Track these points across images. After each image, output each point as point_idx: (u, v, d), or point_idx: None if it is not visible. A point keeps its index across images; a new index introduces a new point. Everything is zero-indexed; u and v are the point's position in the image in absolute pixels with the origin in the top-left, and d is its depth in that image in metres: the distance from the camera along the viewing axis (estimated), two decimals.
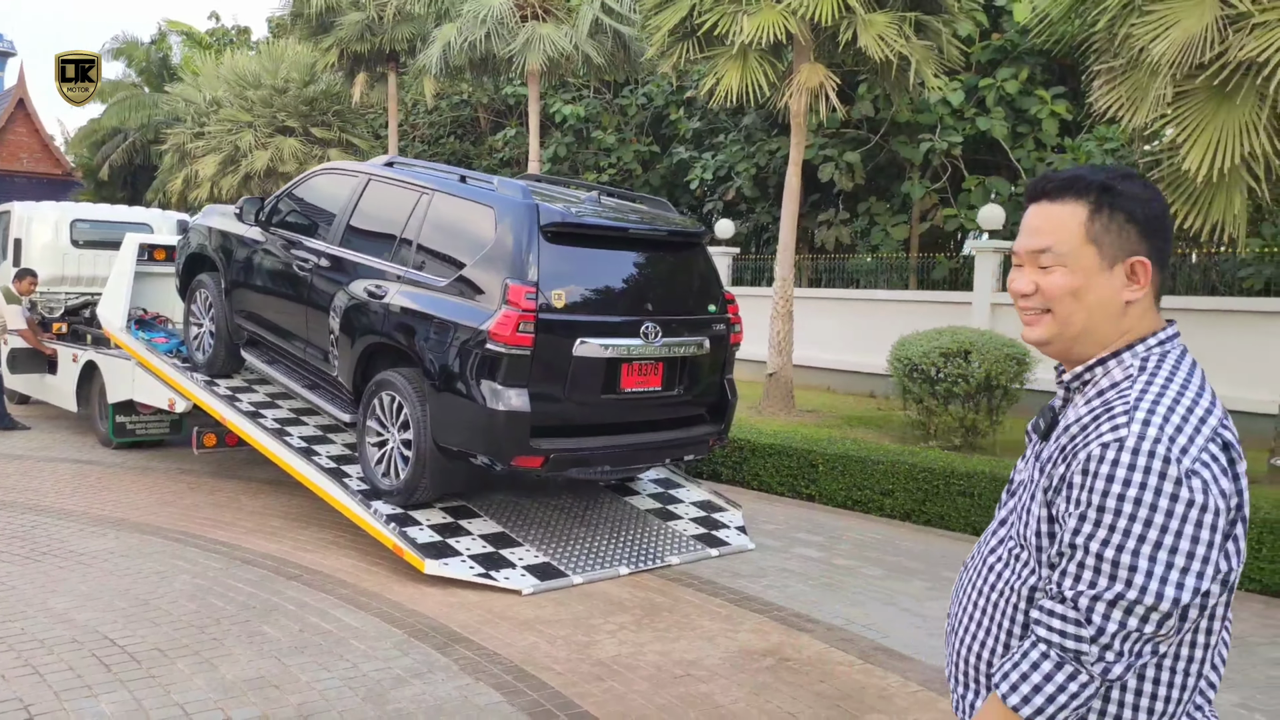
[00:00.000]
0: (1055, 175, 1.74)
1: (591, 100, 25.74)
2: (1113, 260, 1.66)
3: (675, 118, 24.18)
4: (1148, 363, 1.63)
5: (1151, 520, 1.47)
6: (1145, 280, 1.66)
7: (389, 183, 6.70)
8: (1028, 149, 18.98)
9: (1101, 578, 1.50)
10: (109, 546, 6.27)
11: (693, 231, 6.56)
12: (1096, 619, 1.50)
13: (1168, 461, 1.48)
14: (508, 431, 5.54)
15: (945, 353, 10.46)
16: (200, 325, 8.14)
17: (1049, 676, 1.53)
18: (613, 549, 6.28)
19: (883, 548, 6.83)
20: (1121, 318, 1.67)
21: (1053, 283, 1.67)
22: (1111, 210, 1.66)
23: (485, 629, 5.00)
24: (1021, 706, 1.54)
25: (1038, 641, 1.55)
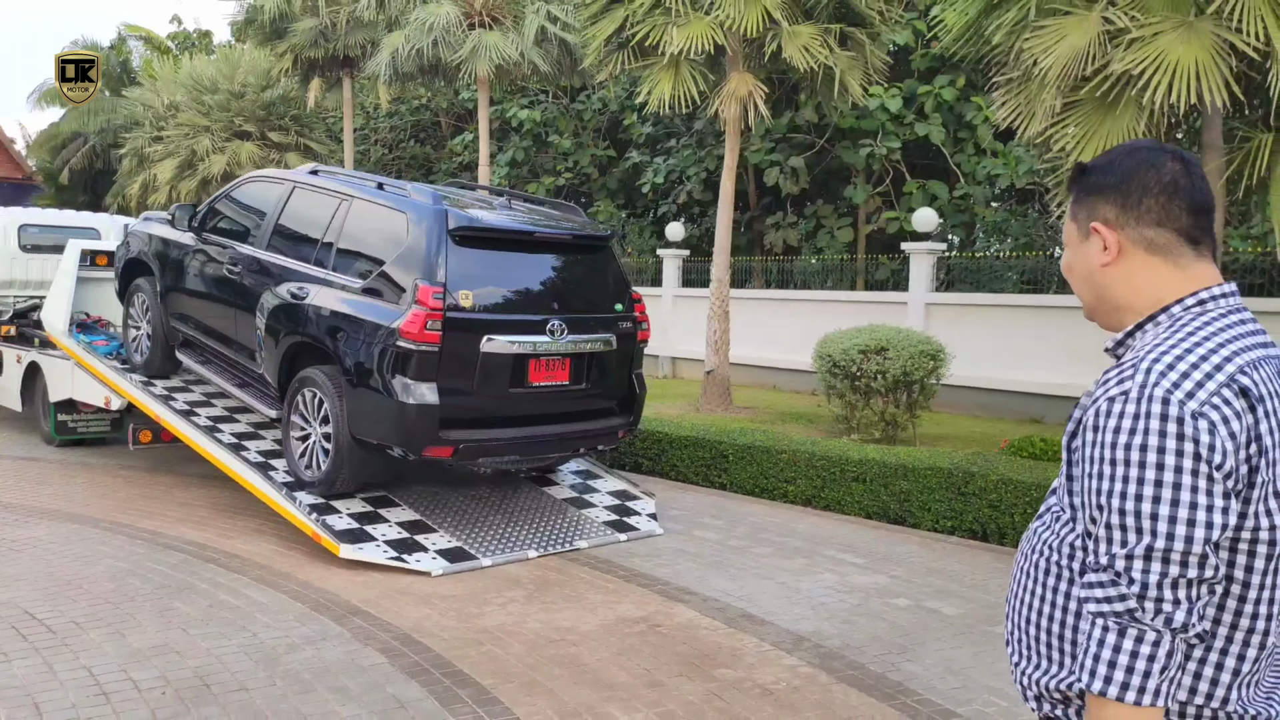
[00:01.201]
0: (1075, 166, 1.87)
1: (549, 105, 26.14)
2: (1085, 231, 1.74)
3: (629, 123, 24.63)
4: (1178, 322, 1.63)
5: (1163, 464, 1.47)
6: (1111, 244, 1.69)
7: (312, 189, 7.09)
8: (968, 153, 19.57)
9: (1129, 534, 1.49)
10: (39, 535, 6.61)
11: (599, 235, 6.99)
12: (1136, 575, 1.48)
13: (1167, 403, 1.49)
14: (418, 424, 5.94)
15: (864, 350, 10.93)
16: (138, 328, 8.48)
17: (1118, 648, 1.48)
18: (524, 534, 6.69)
19: (777, 530, 7.29)
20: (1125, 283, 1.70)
21: (1061, 261, 1.82)
22: (1081, 185, 1.76)
23: (384, 603, 5.40)
24: (1107, 688, 1.48)
25: (1094, 619, 1.52)
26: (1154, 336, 1.64)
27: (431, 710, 4.06)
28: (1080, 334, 12.80)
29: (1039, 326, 13.60)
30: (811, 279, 20.04)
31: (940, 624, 5.35)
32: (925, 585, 6.03)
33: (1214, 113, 8.55)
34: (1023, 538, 1.81)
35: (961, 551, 6.87)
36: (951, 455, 7.69)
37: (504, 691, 4.26)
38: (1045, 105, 8.91)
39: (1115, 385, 1.56)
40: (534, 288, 6.59)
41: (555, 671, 4.51)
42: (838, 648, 4.92)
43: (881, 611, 5.52)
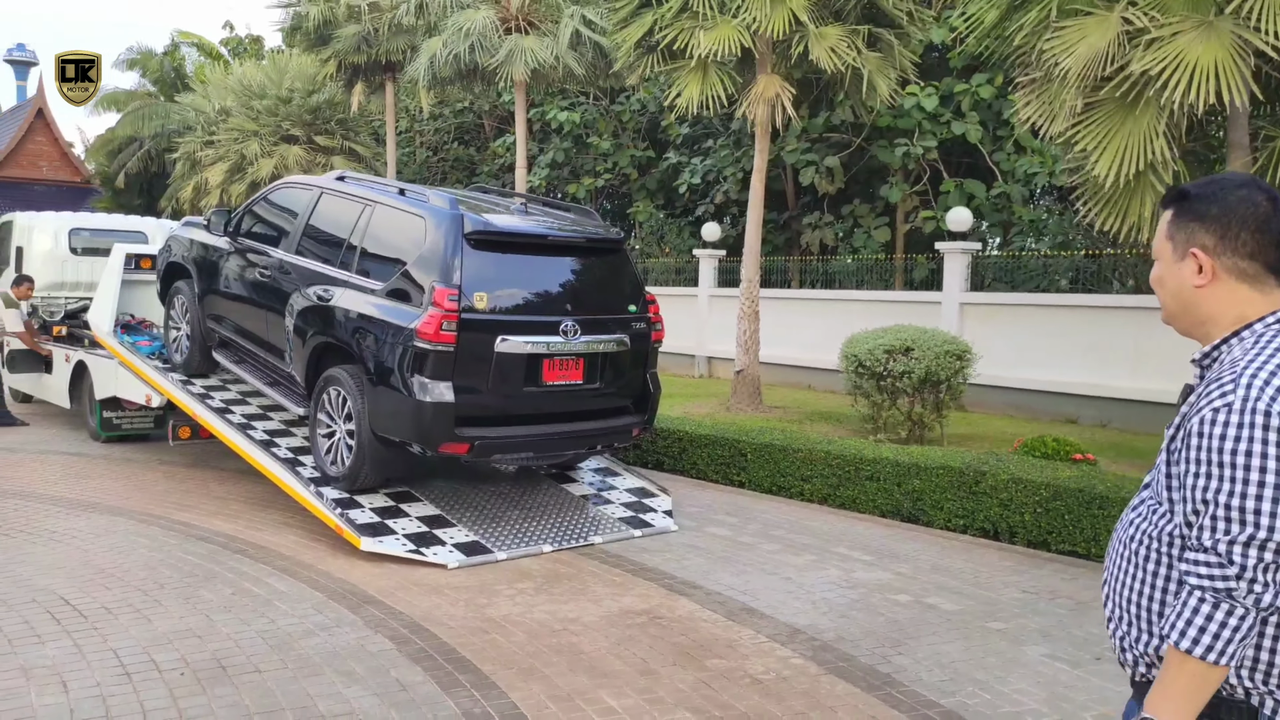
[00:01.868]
0: (1172, 188, 2.16)
1: (589, 107, 26.40)
2: (1182, 253, 1.97)
3: (668, 123, 24.78)
4: (1261, 339, 1.87)
5: (1266, 467, 1.73)
6: (1207, 269, 1.93)
7: (338, 195, 7.36)
8: (1006, 151, 19.43)
9: (1233, 525, 1.75)
10: (79, 526, 6.94)
11: (611, 238, 7.17)
12: (1237, 559, 1.74)
13: (1269, 415, 1.74)
14: (434, 421, 6.16)
15: (889, 350, 10.98)
16: (178, 329, 8.83)
17: (1210, 617, 1.75)
18: (541, 529, 6.88)
19: (789, 527, 7.41)
20: (1213, 302, 1.94)
21: (1152, 273, 2.05)
22: (1181, 209, 1.99)
23: (399, 593, 5.63)
24: (1194, 649, 1.76)
25: (1192, 590, 1.78)
26: (1241, 351, 1.88)
27: (431, 693, 4.27)
28: (1116, 334, 12.74)
29: (1074, 326, 13.52)
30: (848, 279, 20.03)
31: (937, 619, 5.44)
32: (928, 582, 6.12)
33: (1238, 112, 8.50)
34: (1118, 525, 2.08)
35: (971, 550, 6.94)
36: (964, 454, 7.75)
37: (502, 677, 4.45)
38: (1066, 105, 8.92)
39: (1218, 398, 1.81)
40: (548, 290, 6.78)
41: (553, 659, 4.69)
42: (831, 640, 5.05)
43: (880, 606, 5.63)
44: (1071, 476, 6.95)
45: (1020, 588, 6.08)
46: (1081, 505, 6.74)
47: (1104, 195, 9.22)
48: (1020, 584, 6.15)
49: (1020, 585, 6.12)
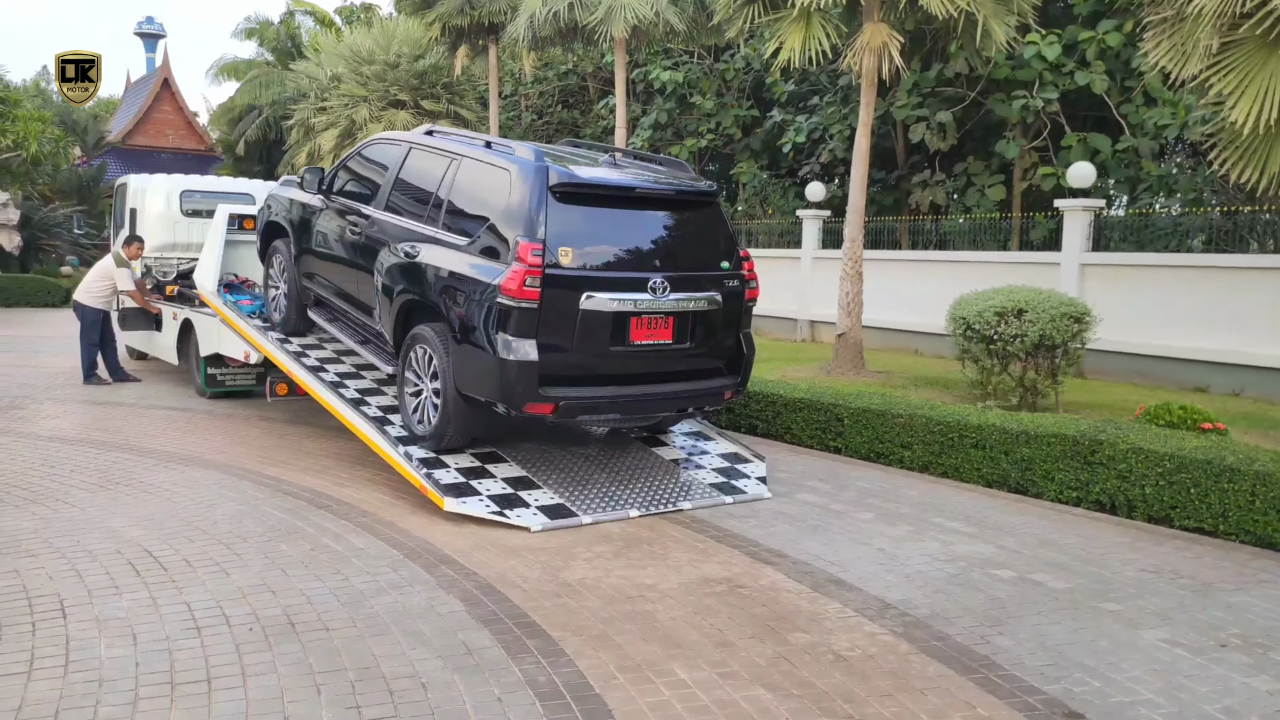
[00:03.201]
0: None
1: (692, 66, 25.91)
2: None
3: (772, 80, 24.12)
4: None
5: None
6: None
7: (426, 150, 7.23)
8: (1135, 103, 18.25)
9: None
10: (173, 479, 7.06)
11: (703, 191, 6.84)
12: None
13: None
14: (518, 380, 5.99)
15: (1000, 312, 10.41)
16: (276, 288, 8.90)
17: None
18: (628, 493, 6.67)
19: (885, 495, 7.04)
20: None
21: None
22: None
23: (475, 554, 5.51)
24: None
25: None
26: None
27: (497, 658, 4.12)
28: (1253, 297, 11.82)
29: (1206, 289, 12.64)
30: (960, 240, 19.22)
31: (1043, 597, 5.04)
32: (1034, 557, 5.70)
33: None
34: None
35: (1083, 524, 6.46)
36: (1078, 422, 7.22)
37: (570, 644, 4.28)
38: (1200, 46, 8.18)
39: None
40: (636, 245, 6.51)
41: (626, 627, 4.49)
42: (925, 617, 4.71)
43: (980, 582, 5.25)
44: (1199, 447, 6.39)
45: (1138, 566, 5.60)
46: (1209, 478, 6.19)
47: (1241, 144, 8.46)
48: (1138, 562, 5.67)
49: (1138, 563, 5.65)
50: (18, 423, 9.08)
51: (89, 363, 11.52)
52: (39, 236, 28.23)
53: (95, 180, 35.48)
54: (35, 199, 30.12)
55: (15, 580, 4.90)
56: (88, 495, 6.59)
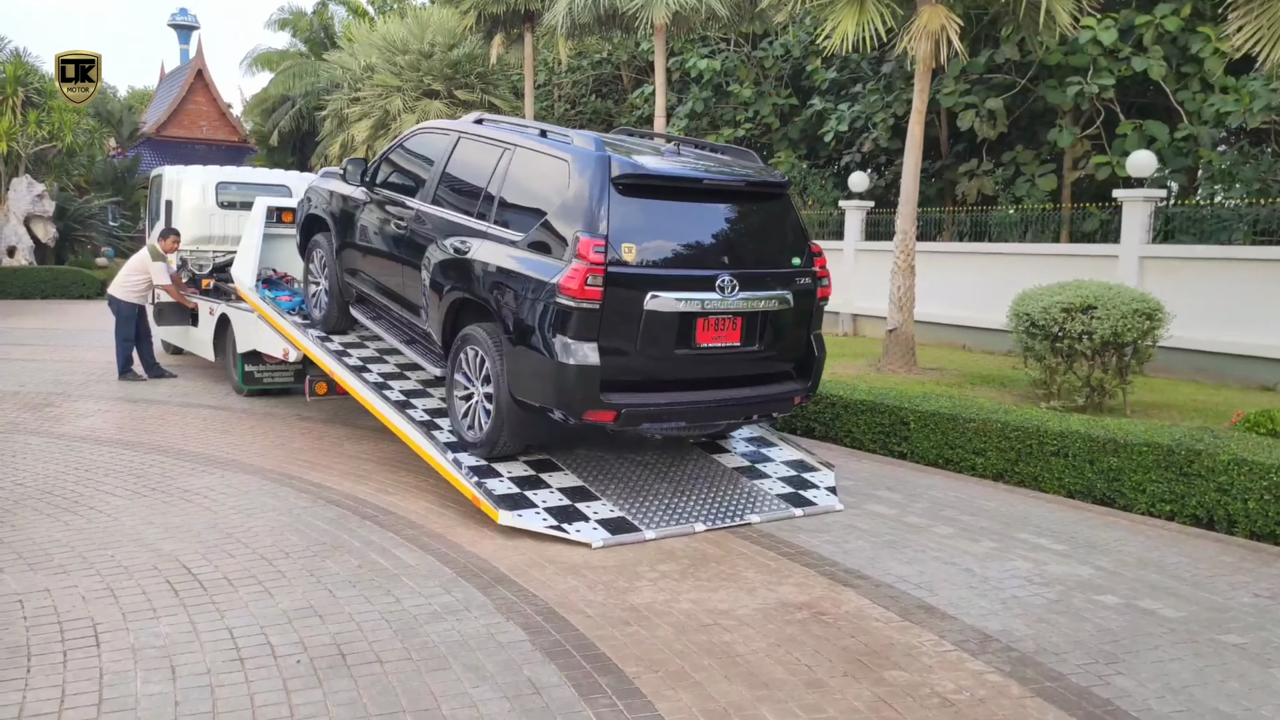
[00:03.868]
0: None
1: (729, 54, 25.40)
2: None
3: (813, 68, 23.58)
4: None
5: None
6: None
7: (476, 140, 6.83)
8: (1193, 90, 17.59)
9: None
10: (211, 484, 6.75)
11: (774, 182, 6.40)
12: None
13: None
14: (578, 386, 5.58)
15: (1067, 308, 9.92)
16: (317, 284, 8.56)
17: None
18: (692, 505, 6.24)
19: (961, 507, 6.61)
20: None
21: None
22: None
23: (532, 572, 5.14)
24: None
25: None
26: None
27: (567, 699, 3.74)
28: None
29: (1272, 283, 12.04)
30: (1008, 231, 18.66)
31: (1157, 628, 4.60)
32: (1137, 580, 5.25)
33: None
34: None
35: (1182, 541, 6.00)
36: (1172, 430, 6.74)
37: (647, 682, 3.89)
38: None
39: None
40: (703, 240, 6.07)
41: (705, 662, 4.10)
42: (1032, 652, 4.29)
43: (1084, 610, 4.81)
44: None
45: (1251, 591, 5.14)
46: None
47: None
48: (1250, 586, 5.21)
49: (1250, 588, 5.19)
50: (51, 422, 8.83)
51: (124, 358, 11.28)
52: (74, 228, 28.24)
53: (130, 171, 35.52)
54: (70, 190, 30.16)
55: (47, 601, 4.59)
56: (123, 502, 6.29)
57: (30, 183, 25.02)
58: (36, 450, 7.70)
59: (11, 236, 24.80)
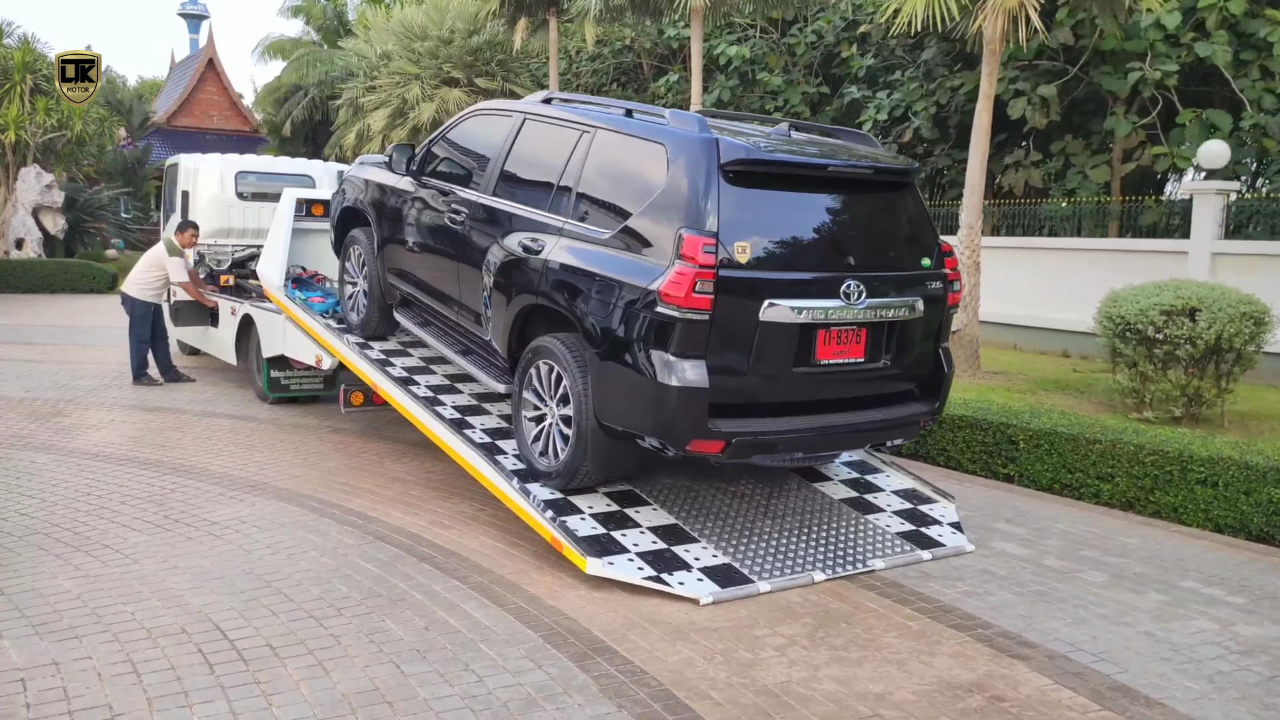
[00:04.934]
0: None
1: (757, 41, 24.51)
2: None
3: (847, 55, 22.69)
4: None
5: None
6: None
7: (546, 122, 5.96)
8: (1252, 78, 16.71)
9: None
10: (242, 514, 5.94)
11: (903, 169, 5.50)
12: None
13: None
14: (682, 410, 4.72)
15: (1167, 310, 9.10)
16: (354, 284, 7.70)
17: None
18: (804, 548, 5.37)
19: (1102, 546, 5.76)
20: None
21: None
22: None
23: (632, 636, 4.32)
24: None
25: None
26: None
27: None
28: None
29: None
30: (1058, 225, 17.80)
31: None
32: None
33: None
34: None
35: None
36: None
37: None
38: None
39: None
40: (825, 238, 5.18)
41: None
42: None
43: None
44: None
45: None
46: None
47: None
48: None
49: None
50: (60, 435, 8.02)
51: (139, 361, 10.48)
52: (84, 219, 27.46)
53: (140, 161, 34.74)
54: (80, 181, 29.37)
55: (54, 679, 3.77)
56: (142, 539, 5.47)
57: (39, 172, 24.25)
58: (44, 470, 6.90)
59: (19, 228, 24.04)
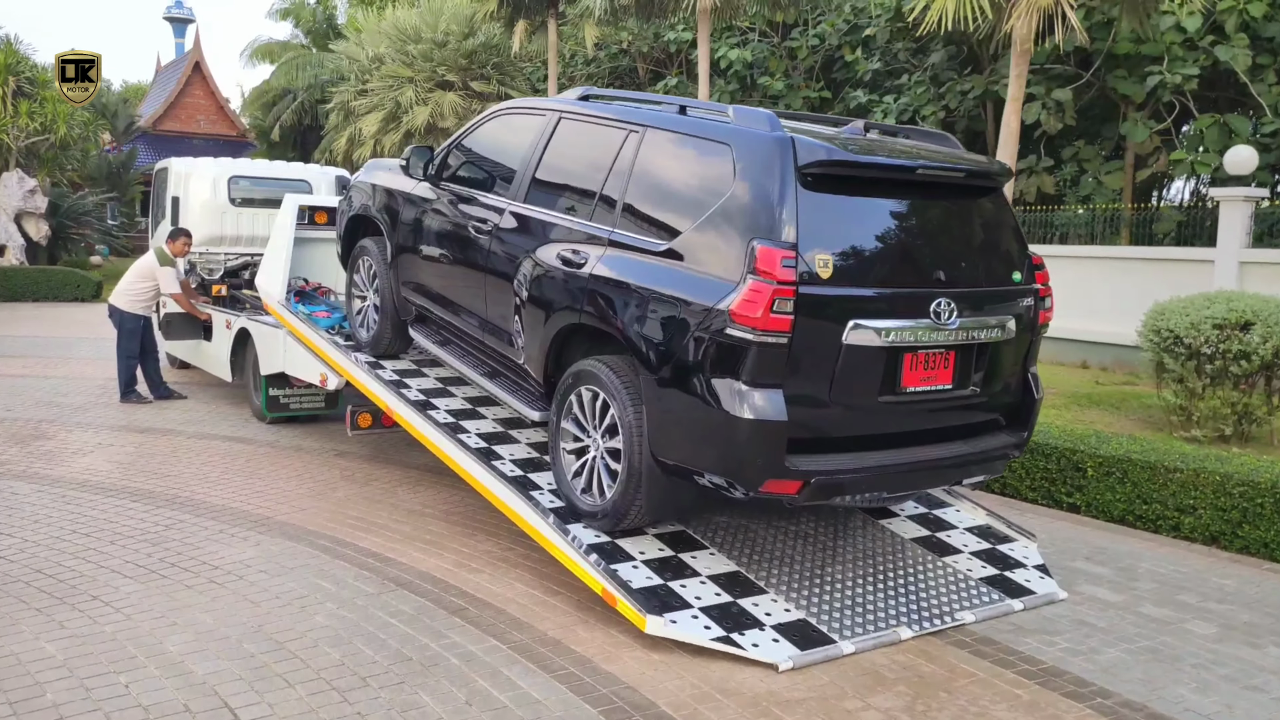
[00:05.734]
0: None
1: (758, 44, 24.03)
2: None
3: (852, 59, 22.24)
4: None
5: None
6: None
7: (586, 121, 5.37)
8: (1268, 82, 16.38)
9: None
10: (247, 557, 5.34)
11: (998, 171, 4.95)
12: None
13: None
14: (756, 447, 4.16)
15: (1219, 324, 8.63)
16: (364, 298, 7.08)
17: None
18: (883, 599, 4.79)
19: (1198, 589, 5.23)
20: None
21: None
22: None
23: (704, 711, 3.75)
24: None
25: None
26: None
27: None
28: None
29: None
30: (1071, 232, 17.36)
31: None
32: None
33: None
34: None
35: None
36: None
37: None
38: None
39: None
40: (912, 250, 4.63)
41: None
42: None
43: None
44: None
45: None
46: None
47: None
48: None
49: None
50: (42, 461, 7.41)
51: (127, 378, 9.85)
52: (68, 225, 26.72)
53: (125, 166, 33.98)
54: (64, 185, 28.63)
55: None
56: (136, 588, 4.88)
57: (21, 177, 23.53)
58: (26, 503, 6.29)
59: (1, 234, 23.32)
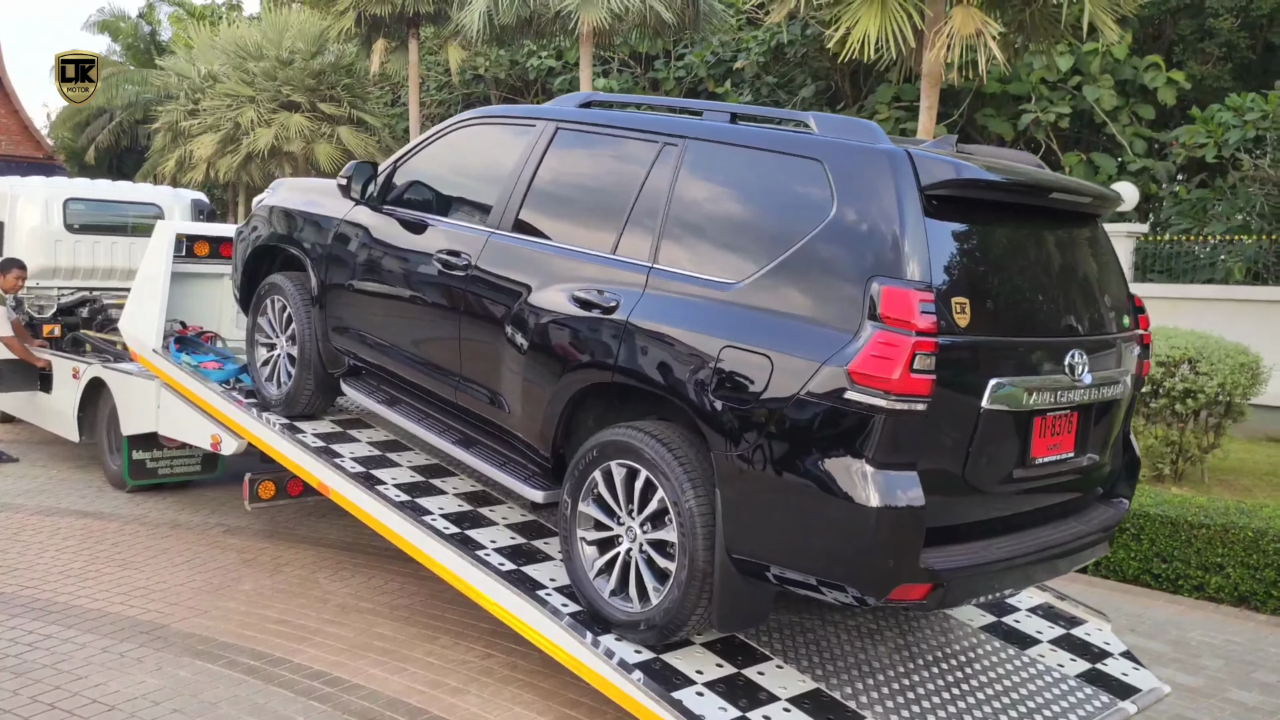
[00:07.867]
0: None
1: (620, 75, 23.53)
2: None
3: (721, 91, 22.01)
4: None
5: None
6: None
7: (594, 132, 4.38)
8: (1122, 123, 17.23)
9: None
10: (149, 690, 4.08)
11: (1110, 197, 4.18)
12: None
13: None
14: (889, 544, 3.23)
15: (1164, 361, 8.45)
16: (273, 346, 5.77)
17: None
18: (980, 710, 3.87)
19: (1266, 664, 4.74)
20: None
21: None
22: None
23: None
24: None
25: None
26: None
27: None
28: None
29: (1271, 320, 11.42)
30: None
31: None
32: None
33: None
34: None
35: None
36: None
37: None
38: None
39: None
40: (1041, 291, 3.78)
41: None
42: None
43: None
44: None
45: None
46: None
47: None
48: None
49: None
50: None
51: None
52: None
53: None
54: None
55: None
56: None
57: None
58: None
59: None
